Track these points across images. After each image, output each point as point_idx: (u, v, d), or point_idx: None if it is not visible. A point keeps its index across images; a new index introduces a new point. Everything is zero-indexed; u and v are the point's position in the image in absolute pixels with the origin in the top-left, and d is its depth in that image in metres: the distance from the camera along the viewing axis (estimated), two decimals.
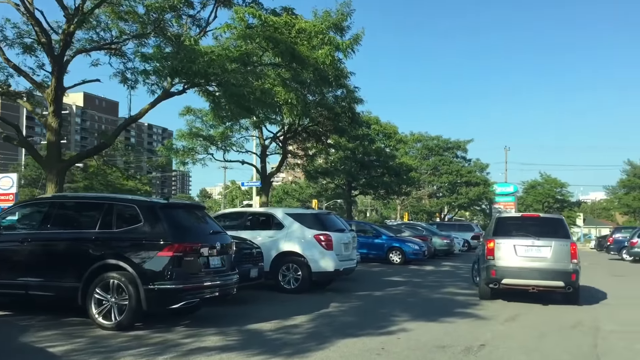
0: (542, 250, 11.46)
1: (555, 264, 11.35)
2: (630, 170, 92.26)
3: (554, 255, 11.40)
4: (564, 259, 11.37)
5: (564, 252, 11.43)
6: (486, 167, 59.74)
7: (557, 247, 11.44)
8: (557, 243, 11.49)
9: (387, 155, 35.59)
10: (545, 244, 11.46)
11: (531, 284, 11.42)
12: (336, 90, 25.43)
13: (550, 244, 11.46)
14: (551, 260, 11.39)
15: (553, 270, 11.31)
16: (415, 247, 22.76)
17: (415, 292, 13.74)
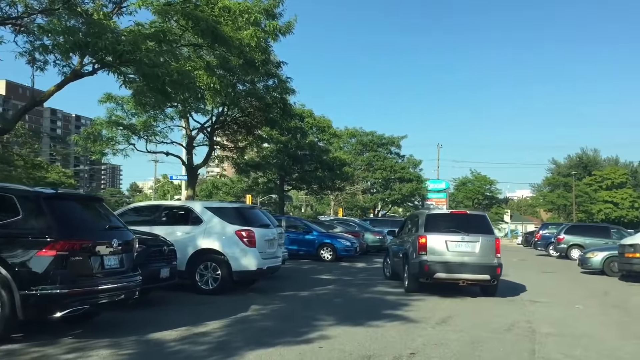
0: (471, 246, 12.10)
1: (482, 258, 12.02)
2: (554, 169, 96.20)
3: (481, 250, 12.07)
4: (490, 253, 12.09)
5: (490, 247, 12.15)
6: (419, 163, 60.19)
7: (484, 242, 12.12)
8: (484, 238, 12.17)
9: (320, 149, 34.83)
10: (473, 240, 12.11)
11: (461, 277, 12.06)
12: (267, 79, 24.46)
13: (478, 239, 12.12)
14: (479, 255, 12.04)
15: (481, 264, 11.97)
16: (346, 243, 22.09)
17: (344, 291, 12.95)
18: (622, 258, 16.72)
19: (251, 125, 26.45)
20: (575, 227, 30.85)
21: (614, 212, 79.32)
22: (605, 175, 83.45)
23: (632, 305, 11.73)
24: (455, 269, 11.95)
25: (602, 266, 18.82)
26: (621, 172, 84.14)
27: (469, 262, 11.98)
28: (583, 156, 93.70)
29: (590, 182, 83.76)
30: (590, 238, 27.98)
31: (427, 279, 12.17)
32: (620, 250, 17.05)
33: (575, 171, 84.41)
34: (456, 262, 11.97)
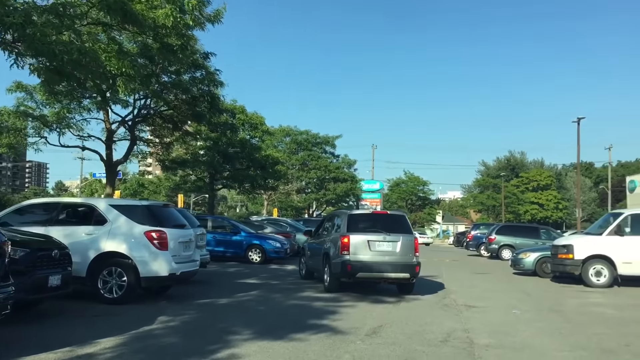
0: (392, 245, 12.35)
1: (403, 257, 12.30)
2: (484, 170, 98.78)
3: (401, 249, 12.33)
4: (410, 252, 12.38)
5: (410, 246, 12.44)
6: (354, 163, 59.95)
7: (404, 242, 12.39)
8: (404, 238, 12.43)
9: (252, 146, 33.57)
10: (394, 239, 12.36)
11: (383, 277, 12.32)
12: (195, 71, 23.07)
13: (399, 239, 12.37)
14: (399, 254, 12.31)
15: (401, 263, 12.24)
16: (276, 244, 21.02)
17: (268, 298, 11.86)
18: (555, 259, 16.46)
19: (178, 120, 24.96)
20: (505, 228, 31.04)
21: (540, 212, 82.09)
22: (532, 177, 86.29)
23: (569, 309, 11.25)
24: (377, 268, 12.13)
25: (534, 267, 18.60)
26: (546, 174, 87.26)
27: (390, 261, 12.21)
28: (511, 158, 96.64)
29: (517, 183, 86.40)
30: (520, 238, 28.16)
31: (349, 278, 12.33)
32: (553, 251, 16.80)
33: (504, 173, 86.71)
34: (378, 261, 12.16)
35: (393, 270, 12.18)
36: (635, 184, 63.66)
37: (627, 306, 11.75)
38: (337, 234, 12.70)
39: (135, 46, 18.90)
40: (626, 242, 15.36)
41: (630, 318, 10.04)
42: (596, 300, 12.98)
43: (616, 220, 15.74)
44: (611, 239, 15.47)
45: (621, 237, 15.41)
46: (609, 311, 10.95)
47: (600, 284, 15.34)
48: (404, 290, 12.83)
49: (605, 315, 10.34)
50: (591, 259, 15.55)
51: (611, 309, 11.33)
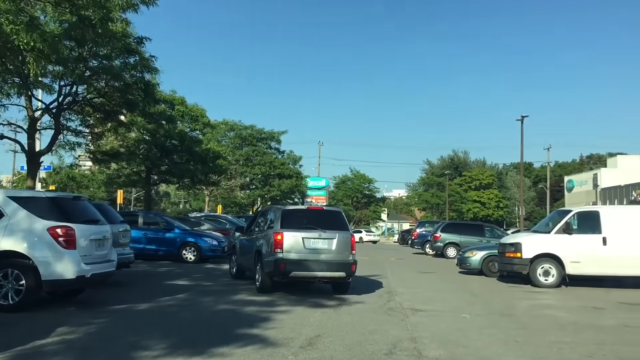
0: (328, 243, 11.67)
1: (338, 255, 11.67)
2: (428, 169, 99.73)
3: (337, 247, 11.68)
4: (346, 250, 11.74)
5: (346, 243, 11.78)
6: (299, 159, 58.97)
7: (340, 239, 11.73)
8: (340, 235, 11.77)
9: (192, 139, 32.00)
10: (330, 236, 11.67)
11: (318, 275, 11.65)
12: (127, 57, 21.48)
13: (335, 236, 11.69)
14: (335, 252, 11.66)
15: (337, 261, 11.61)
16: (213, 242, 19.73)
17: (196, 302, 10.65)
18: (502, 258, 15.89)
19: (110, 109, 23.24)
20: (451, 225, 30.70)
21: (482, 211, 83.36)
22: (474, 176, 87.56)
23: (521, 312, 10.56)
24: (312, 267, 11.50)
25: (480, 266, 18.05)
26: (488, 173, 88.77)
27: (326, 259, 11.59)
28: (454, 158, 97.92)
29: (460, 182, 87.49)
30: (465, 236, 27.83)
31: (282, 277, 11.63)
32: (500, 249, 16.23)
33: (448, 171, 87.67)
34: (313, 259, 11.51)
35: (329, 269, 11.59)
36: (573, 184, 65.47)
37: (579, 309, 11.16)
38: (270, 231, 11.91)
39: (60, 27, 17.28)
40: (574, 240, 14.92)
41: (585, 323, 9.39)
42: (546, 301, 12.39)
43: (564, 218, 15.30)
44: (559, 237, 15.01)
45: (569, 236, 14.97)
46: (562, 314, 10.30)
47: (548, 284, 14.85)
48: (339, 290, 12.23)
49: (559, 320, 9.65)
50: (539, 257, 15.05)
51: (563, 311, 10.70)
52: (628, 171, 54.83)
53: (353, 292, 12.65)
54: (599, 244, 14.80)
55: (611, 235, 14.78)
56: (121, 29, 19.33)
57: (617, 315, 10.30)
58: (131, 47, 21.06)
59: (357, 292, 12.74)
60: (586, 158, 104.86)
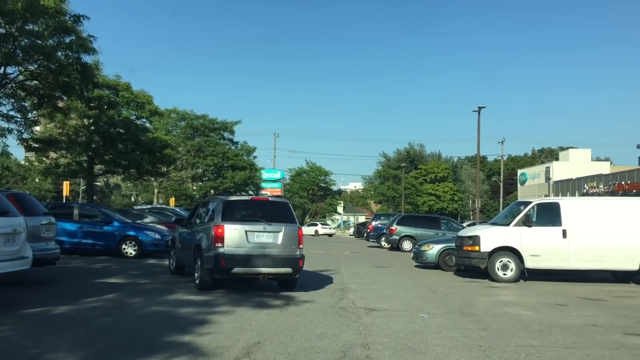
0: (273, 236, 10.88)
1: (284, 250, 10.92)
2: (385, 162, 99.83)
3: (283, 241, 10.91)
4: (293, 244, 11.01)
5: (293, 237, 11.03)
6: (253, 150, 57.61)
7: (286, 232, 10.96)
8: (287, 228, 10.98)
9: (137, 128, 30.35)
10: (275, 230, 10.88)
11: (262, 272, 10.87)
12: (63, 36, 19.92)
13: (281, 229, 10.91)
14: (281, 247, 10.90)
15: (283, 256, 10.87)
16: (155, 236, 18.45)
17: (125, 303, 9.49)
18: (460, 251, 15.22)
19: (44, 93, 21.57)
20: (406, 218, 30.15)
21: (437, 204, 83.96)
22: (430, 169, 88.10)
23: (481, 310, 9.80)
24: (256, 263, 10.68)
25: (437, 260, 17.39)
26: (443, 166, 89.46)
27: (270, 254, 10.79)
28: (410, 150, 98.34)
29: (416, 175, 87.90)
30: (421, 229, 27.32)
31: (223, 274, 10.76)
32: (458, 242, 15.57)
33: (404, 164, 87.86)
34: (257, 254, 10.68)
35: (274, 265, 10.79)
36: (526, 177, 66.41)
37: (541, 306, 10.50)
38: (211, 224, 11.00)
39: None
40: (534, 233, 14.38)
41: (550, 322, 8.69)
42: (507, 298, 11.72)
43: (524, 209, 14.73)
44: (519, 229, 14.44)
45: (529, 228, 14.41)
46: (525, 312, 9.60)
47: (506, 279, 14.27)
48: (286, 287, 11.54)
49: (522, 319, 8.93)
50: (498, 251, 14.45)
51: (526, 309, 10.01)
52: (579, 164, 55.91)
53: (303, 289, 11.75)
54: (558, 237, 14.30)
55: (571, 228, 14.30)
56: (54, 4, 17.79)
57: (582, 313, 9.67)
58: (66, 25, 19.52)
59: (307, 289, 11.84)
60: (538, 152, 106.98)
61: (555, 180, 56.33)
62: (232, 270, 10.63)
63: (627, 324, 8.67)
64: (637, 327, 8.38)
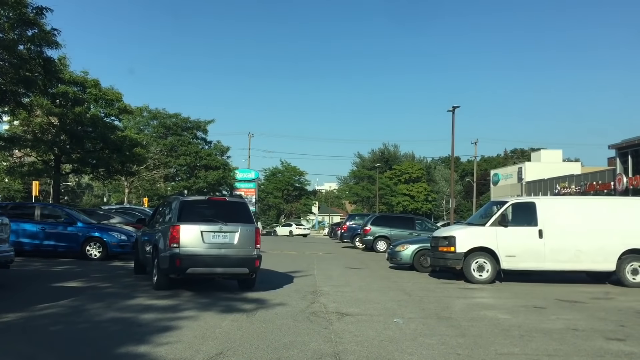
0: (229, 236, 10.93)
1: (241, 250, 10.97)
2: (359, 162, 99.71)
3: (240, 241, 10.95)
4: (249, 244, 11.06)
5: (250, 237, 11.08)
6: (227, 150, 56.77)
7: (243, 232, 11.01)
8: (243, 228, 11.04)
9: (106, 125, 29.43)
10: (232, 230, 10.93)
11: (217, 272, 11.03)
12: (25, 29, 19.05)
13: (237, 229, 10.97)
14: (237, 247, 10.94)
15: (239, 256, 10.92)
16: (122, 237, 17.70)
17: (81, 309, 8.87)
18: (435, 252, 14.86)
19: (5, 88, 20.63)
20: (381, 218, 29.77)
21: (411, 204, 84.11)
22: (404, 170, 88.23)
23: (458, 314, 9.41)
24: (212, 263, 10.72)
25: (412, 260, 17.04)
26: (417, 167, 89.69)
27: (227, 254, 10.83)
28: (385, 151, 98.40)
29: (390, 175, 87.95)
30: (396, 229, 26.99)
31: (178, 275, 10.76)
32: (433, 243, 15.22)
33: (379, 164, 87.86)
34: (212, 255, 10.72)
35: (230, 265, 10.87)
36: (499, 177, 66.83)
37: (519, 309, 10.17)
38: (168, 224, 11.05)
39: None
40: (510, 233, 14.10)
41: (530, 326, 8.34)
42: (483, 300, 11.38)
43: (500, 209, 14.45)
44: (495, 230, 14.15)
45: (505, 228, 14.13)
46: (503, 316, 9.24)
47: (482, 280, 13.96)
48: (245, 286, 11.64)
49: (501, 323, 8.57)
50: (474, 251, 14.13)
51: (504, 312, 9.66)
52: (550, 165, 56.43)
53: (273, 292, 11.30)
54: (535, 237, 14.06)
55: (548, 228, 14.07)
56: None
57: (561, 316, 9.35)
58: (28, 17, 18.66)
59: (277, 292, 11.40)
60: (510, 153, 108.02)
61: (527, 181, 56.72)
62: (187, 271, 10.61)
63: (609, 328, 8.37)
64: (619, 332, 8.07)
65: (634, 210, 14.48)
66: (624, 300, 11.63)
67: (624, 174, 37.91)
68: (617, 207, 14.67)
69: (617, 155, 39.81)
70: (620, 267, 14.03)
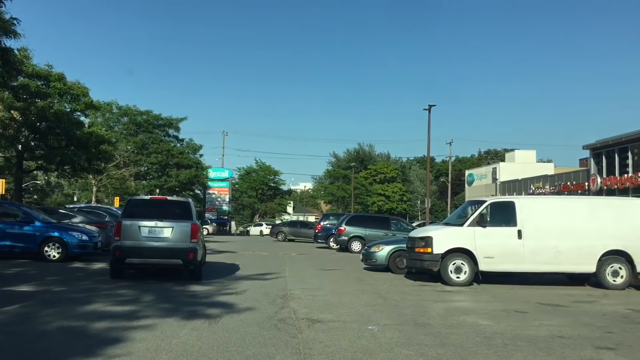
0: (164, 231, 12.31)
1: (175, 243, 12.27)
2: (335, 162, 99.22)
3: (174, 236, 12.30)
4: (184, 239, 12.31)
5: (184, 232, 12.34)
6: (199, 148, 55.63)
7: (177, 228, 12.34)
8: (178, 224, 12.38)
9: (71, 121, 28.25)
10: (167, 225, 12.32)
11: (151, 262, 12.46)
12: None
13: (172, 225, 12.33)
14: (172, 240, 12.29)
15: (172, 248, 12.25)
16: (82, 237, 16.79)
17: (27, 318, 8.07)
18: (412, 253, 14.31)
19: None
20: (356, 218, 29.23)
21: (386, 204, 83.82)
22: (379, 170, 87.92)
23: (436, 320, 8.85)
24: (147, 254, 12.20)
25: (387, 262, 16.49)
26: (392, 167, 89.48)
27: (161, 246, 12.22)
28: (360, 151, 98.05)
29: (366, 175, 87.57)
30: (371, 229, 26.49)
31: (119, 264, 12.47)
32: (409, 244, 14.66)
33: (354, 163, 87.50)
34: (147, 246, 12.17)
35: (163, 256, 12.26)
36: (473, 177, 66.91)
37: (500, 314, 9.64)
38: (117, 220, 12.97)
39: None
40: (488, 233, 13.62)
41: (513, 334, 7.81)
42: (462, 304, 10.85)
43: (478, 209, 13.96)
44: (473, 230, 13.65)
45: (483, 229, 13.65)
46: (484, 322, 8.69)
47: (460, 282, 13.46)
48: (192, 277, 12.88)
49: (482, 330, 8.02)
50: (451, 253, 13.62)
51: (484, 317, 9.12)
52: (524, 165, 56.59)
53: (240, 296, 10.66)
54: (514, 238, 13.60)
55: (527, 228, 13.62)
56: None
57: (544, 322, 8.84)
58: None
59: (245, 295, 10.73)
60: (484, 153, 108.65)
61: (502, 181, 56.82)
62: (126, 260, 12.25)
63: (596, 335, 7.88)
64: (608, 339, 7.58)
65: (614, 211, 14.13)
66: (607, 304, 11.21)
67: (598, 175, 38.03)
68: (598, 207, 14.30)
69: (591, 156, 39.92)
70: (600, 268, 13.65)
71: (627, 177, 34.86)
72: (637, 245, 13.65)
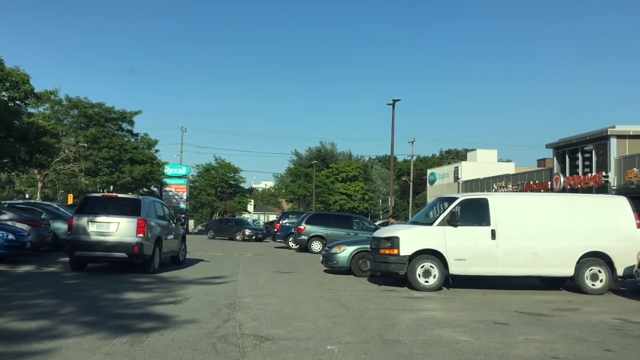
0: (111, 226, 13.00)
1: (121, 238, 12.94)
2: (296, 160, 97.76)
3: (120, 231, 12.98)
4: (130, 233, 12.98)
5: (130, 227, 13.00)
6: (155, 143, 53.18)
7: (124, 223, 13.03)
8: (125, 219, 13.06)
9: (8, 110, 26.00)
10: (114, 221, 13.05)
11: (99, 255, 13.23)
12: None
13: (119, 220, 13.04)
14: (118, 235, 12.96)
15: (118, 243, 12.94)
16: (8, 236, 14.90)
17: None
18: (376, 255, 12.98)
19: None
20: (316, 217, 27.83)
21: (348, 203, 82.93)
22: (341, 168, 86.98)
23: (406, 334, 7.54)
24: (94, 247, 12.95)
25: (349, 264, 15.17)
26: (354, 165, 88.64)
27: (107, 241, 12.95)
28: (322, 149, 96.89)
29: (328, 174, 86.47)
30: (332, 228, 25.22)
31: (71, 257, 13.42)
32: (374, 244, 13.36)
33: (315, 161, 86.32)
34: (95, 241, 12.93)
35: (109, 250, 12.97)
36: (435, 176, 66.43)
37: (478, 325, 8.41)
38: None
39: None
40: (460, 233, 12.43)
41: (498, 353, 6.57)
42: (434, 313, 9.57)
43: (449, 206, 12.75)
44: (443, 229, 12.44)
45: (454, 228, 12.45)
46: (462, 337, 7.42)
47: (429, 287, 12.23)
48: (142, 269, 13.55)
49: (462, 349, 6.74)
50: (419, 254, 12.38)
51: (461, 331, 7.85)
52: (486, 165, 56.34)
53: (180, 305, 9.18)
54: (487, 238, 12.45)
55: (501, 228, 12.49)
56: None
57: (530, 336, 7.63)
58: None
59: (186, 305, 9.24)
60: (445, 153, 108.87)
61: (464, 180, 56.41)
62: (75, 253, 13.13)
63: (594, 354, 6.69)
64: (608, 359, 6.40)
65: (593, 209, 13.12)
66: (592, 313, 10.12)
67: (561, 174, 37.67)
68: (577, 205, 13.26)
69: (554, 155, 39.56)
70: (578, 272, 12.61)
71: (592, 176, 34.53)
72: (617, 246, 12.65)
